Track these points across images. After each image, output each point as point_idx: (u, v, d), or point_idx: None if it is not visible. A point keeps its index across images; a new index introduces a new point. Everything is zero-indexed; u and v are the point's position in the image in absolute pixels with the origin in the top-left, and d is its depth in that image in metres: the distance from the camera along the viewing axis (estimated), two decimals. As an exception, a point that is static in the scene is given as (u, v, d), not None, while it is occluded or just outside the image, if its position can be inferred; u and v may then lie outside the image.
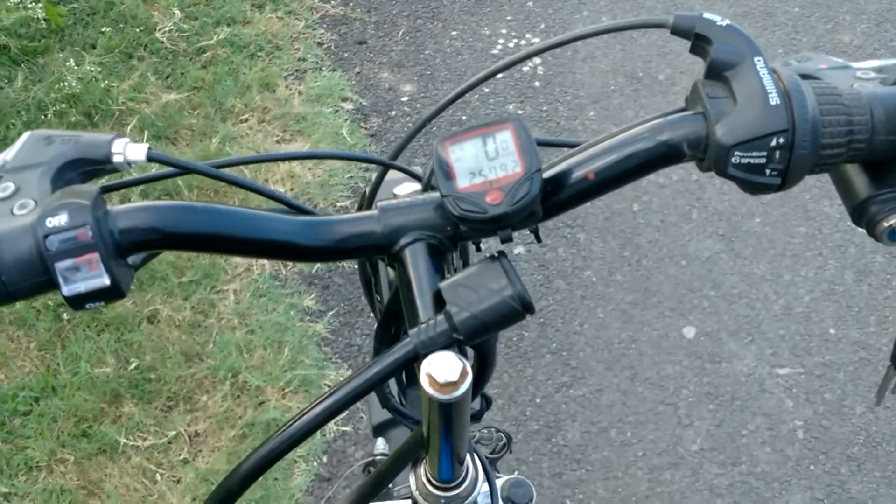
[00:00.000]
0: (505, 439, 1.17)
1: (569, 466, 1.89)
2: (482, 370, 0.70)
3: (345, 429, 1.91)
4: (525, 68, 2.86)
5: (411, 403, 0.84)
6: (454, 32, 2.97)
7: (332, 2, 3.04)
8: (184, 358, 1.95)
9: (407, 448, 0.75)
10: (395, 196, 0.70)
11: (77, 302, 0.56)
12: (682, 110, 0.62)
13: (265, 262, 2.18)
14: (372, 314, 1.23)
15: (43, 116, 2.44)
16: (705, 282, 2.23)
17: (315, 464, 1.85)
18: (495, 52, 2.90)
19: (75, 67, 2.53)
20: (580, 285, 2.23)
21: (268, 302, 2.08)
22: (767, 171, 0.58)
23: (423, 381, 0.58)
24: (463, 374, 0.58)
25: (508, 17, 3.03)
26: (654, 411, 1.98)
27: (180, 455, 1.80)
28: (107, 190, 0.62)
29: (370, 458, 1.34)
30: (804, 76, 0.61)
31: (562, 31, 2.97)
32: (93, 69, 2.54)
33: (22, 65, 2.57)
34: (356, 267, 2.25)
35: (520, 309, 0.59)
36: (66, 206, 0.55)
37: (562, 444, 1.92)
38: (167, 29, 2.75)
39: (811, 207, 2.41)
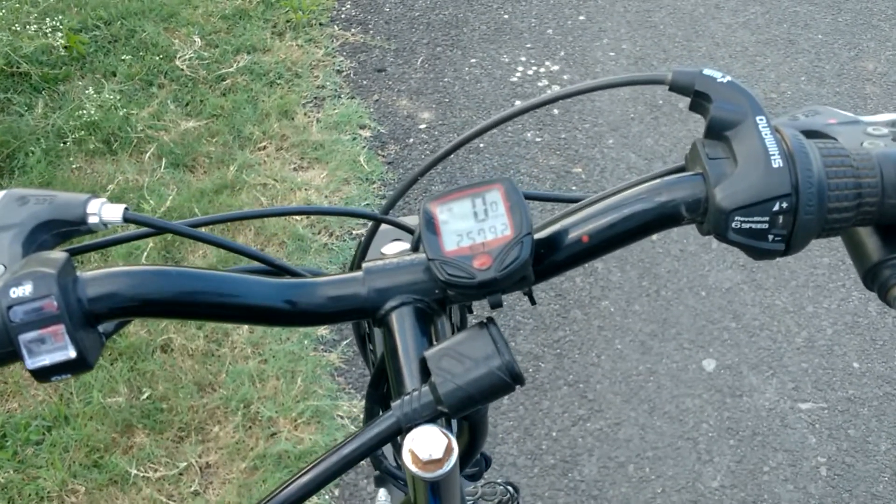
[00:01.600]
0: (511, 493, 1.12)
1: (585, 503, 1.85)
2: (472, 441, 0.67)
3: (357, 461, 1.88)
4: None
5: None
6: (473, 60, 2.97)
7: (353, 30, 3.05)
8: (196, 388, 1.93)
9: None
10: (382, 255, 0.68)
11: (42, 374, 0.54)
12: (682, 169, 0.59)
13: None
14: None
15: (62, 144, 2.46)
16: (725, 313, 2.19)
17: (327, 497, 1.83)
18: (514, 79, 2.89)
19: (95, 95, 2.55)
20: (598, 315, 2.20)
21: (281, 331, 2.06)
22: (770, 237, 0.55)
23: (406, 458, 0.54)
24: (448, 450, 0.54)
25: (528, 45, 3.03)
26: (673, 446, 1.94)
27: (191, 487, 1.78)
28: (77, 252, 0.60)
29: None
30: (811, 133, 0.58)
31: (580, 58, 2.96)
32: (112, 97, 2.55)
33: (42, 92, 2.59)
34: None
35: (508, 381, 0.55)
36: (30, 275, 0.53)
37: (578, 480, 1.89)
38: (187, 56, 2.77)
39: (834, 238, 2.37)
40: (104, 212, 0.61)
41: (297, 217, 2.33)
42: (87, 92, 2.57)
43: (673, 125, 2.71)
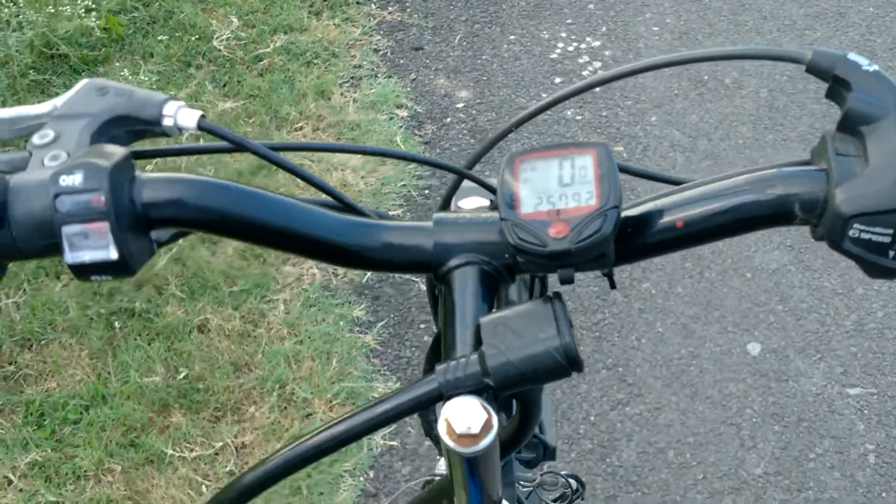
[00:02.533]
0: (575, 487, 1.06)
1: (624, 489, 1.81)
2: (522, 424, 0.62)
3: (392, 443, 1.87)
4: (584, 72, 2.79)
5: None
6: (512, 37, 2.92)
7: (390, 8, 3.02)
8: (232, 368, 1.93)
9: (430, 498, 0.69)
10: (458, 209, 0.64)
11: (81, 271, 0.52)
12: (806, 164, 0.53)
13: (316, 271, 2.15)
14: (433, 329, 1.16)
15: (101, 125, 2.46)
16: (772, 295, 2.13)
17: (362, 479, 1.81)
18: (554, 56, 2.84)
19: (131, 77, 2.55)
20: (638, 298, 2.15)
21: (317, 312, 2.05)
22: (892, 254, 0.49)
23: (441, 427, 0.51)
24: (487, 426, 0.50)
25: (568, 21, 2.97)
26: (715, 432, 1.89)
27: (227, 467, 1.78)
28: (143, 156, 0.58)
29: (430, 477, 1.28)
30: None
31: (623, 34, 2.90)
32: (148, 78, 2.55)
33: (82, 74, 2.60)
34: (408, 278, 2.22)
35: (565, 364, 0.51)
36: (83, 165, 0.51)
37: (617, 465, 1.85)
38: (225, 37, 2.76)
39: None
40: (180, 116, 0.58)
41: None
42: (122, 73, 2.58)
43: (718, 101, 2.64)
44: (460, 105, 2.69)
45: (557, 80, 2.76)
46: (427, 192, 2.42)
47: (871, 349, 2.01)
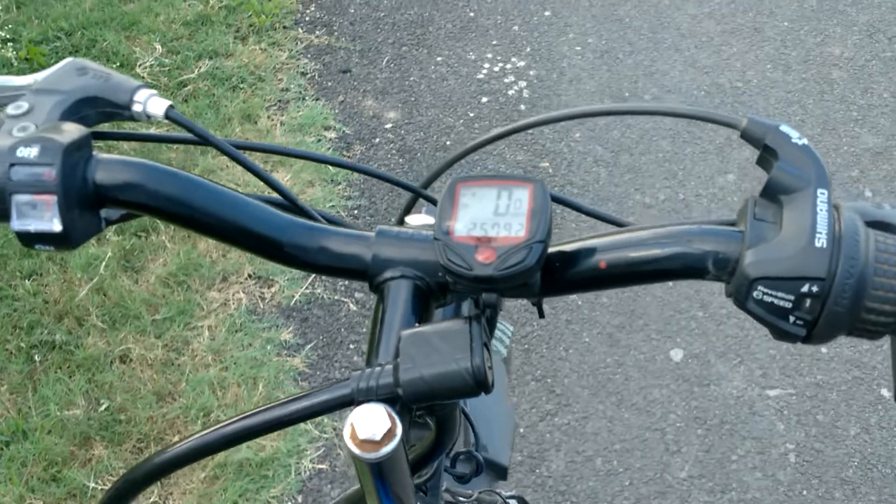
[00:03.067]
0: None
1: (553, 498, 1.83)
2: (438, 438, 0.63)
3: (321, 466, 1.86)
4: (510, 91, 2.83)
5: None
6: (439, 58, 2.95)
7: (317, 32, 3.03)
8: (155, 398, 1.91)
9: None
10: (404, 224, 0.67)
11: (26, 239, 0.55)
12: (731, 223, 0.55)
13: (242, 295, 2.14)
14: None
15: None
16: (693, 302, 2.17)
17: (289, 503, 1.80)
18: (481, 76, 2.88)
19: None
20: (565, 309, 2.18)
21: (244, 337, 2.04)
22: (792, 318, 0.50)
23: (346, 431, 0.52)
24: (390, 434, 0.51)
25: (494, 42, 3.01)
26: (640, 438, 1.92)
27: (150, 498, 1.76)
28: (100, 137, 0.60)
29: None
30: (883, 225, 0.53)
31: (547, 53, 2.95)
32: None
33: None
34: (336, 298, 2.22)
35: (472, 384, 0.52)
36: (41, 140, 0.54)
37: (546, 475, 1.87)
38: (148, 64, 2.75)
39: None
40: (150, 103, 0.61)
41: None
42: (46, 103, 2.55)
43: (639, 117, 2.69)
44: (389, 126, 2.71)
45: (484, 99, 2.80)
46: (356, 212, 2.43)
47: (789, 351, 2.06)
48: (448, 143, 2.65)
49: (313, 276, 2.23)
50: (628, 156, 2.57)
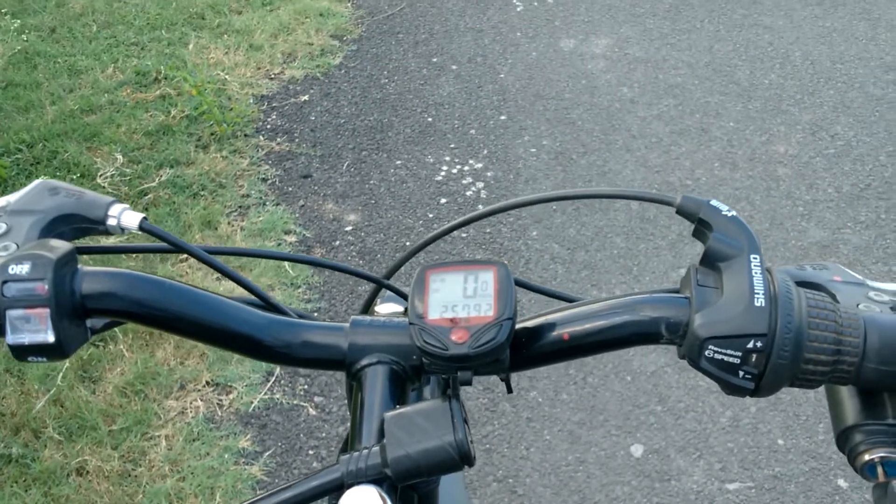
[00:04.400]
0: None
1: None
2: None
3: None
4: (469, 192, 2.90)
5: None
6: (399, 162, 3.02)
7: (278, 139, 3.10)
8: (111, 510, 1.87)
9: None
10: (374, 313, 0.70)
11: (19, 352, 0.57)
12: (676, 291, 0.61)
13: (199, 403, 2.13)
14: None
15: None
16: (651, 397, 2.19)
17: None
18: (439, 178, 2.95)
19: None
20: (526, 407, 2.19)
21: (201, 446, 2.02)
22: (741, 373, 0.55)
23: None
24: None
25: (452, 145, 3.10)
26: (604, 537, 1.91)
27: None
28: (86, 252, 0.63)
29: None
30: (811, 285, 0.60)
31: (503, 155, 3.03)
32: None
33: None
34: (295, 403, 2.21)
35: (456, 458, 0.56)
36: (31, 256, 0.56)
37: (509, 579, 1.84)
38: (109, 174, 2.78)
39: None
40: (124, 217, 0.64)
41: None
42: (6, 214, 2.56)
43: (594, 215, 2.76)
44: (349, 228, 2.75)
45: (443, 200, 2.86)
46: (315, 315, 2.44)
47: (747, 444, 2.07)
48: (408, 243, 2.69)
49: (271, 381, 2.23)
50: (584, 252, 2.62)
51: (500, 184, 2.92)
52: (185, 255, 0.68)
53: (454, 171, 2.99)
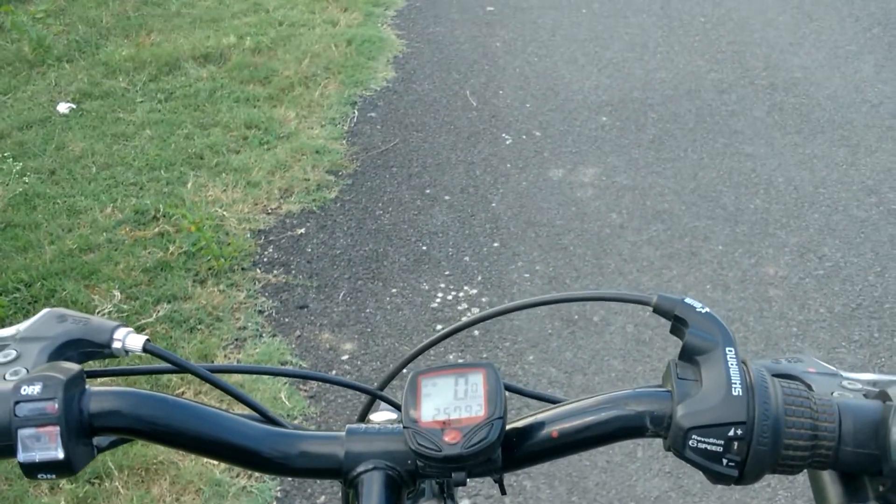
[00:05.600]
0: None
1: None
2: None
3: None
4: (464, 318, 2.90)
5: None
6: (394, 290, 3.05)
7: (275, 271, 3.14)
8: None
9: None
10: (369, 422, 0.73)
11: (30, 470, 0.59)
12: (658, 386, 0.64)
13: (194, 539, 2.07)
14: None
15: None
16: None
17: None
18: (434, 305, 2.97)
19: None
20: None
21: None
22: (724, 461, 0.58)
23: None
24: None
25: (447, 272, 3.14)
26: None
27: None
28: (91, 375, 0.66)
29: None
30: (787, 376, 0.63)
31: (497, 281, 3.07)
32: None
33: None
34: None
35: None
36: (42, 378, 0.60)
37: None
38: (107, 311, 2.80)
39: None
40: (128, 340, 0.68)
41: (214, 462, 2.28)
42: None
43: (589, 338, 2.77)
44: (345, 357, 2.75)
45: (439, 326, 2.87)
46: (313, 427, 2.41)
47: (758, 569, 2.02)
48: (404, 370, 2.68)
49: (270, 514, 2.18)
50: (582, 376, 2.62)
51: (496, 310, 2.94)
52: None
53: (449, 297, 3.01)
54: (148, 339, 0.68)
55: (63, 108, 4.01)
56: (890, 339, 2.77)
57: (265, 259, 3.20)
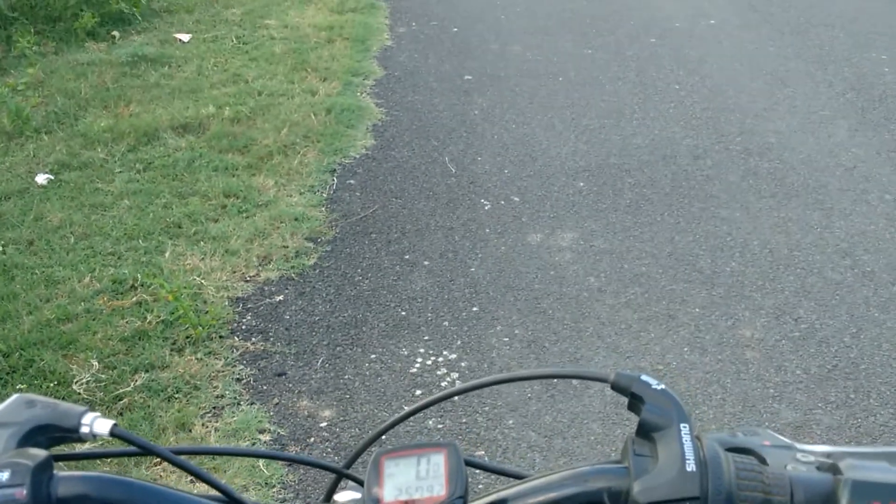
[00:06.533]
0: None
1: None
2: None
3: None
4: (443, 383, 2.91)
5: None
6: (373, 356, 3.05)
7: (253, 339, 3.13)
8: None
9: None
10: (333, 502, 0.76)
11: None
12: (617, 462, 0.65)
13: None
14: None
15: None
16: None
17: None
18: (414, 370, 2.96)
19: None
20: None
21: None
22: None
23: None
24: None
25: (426, 337, 3.14)
26: None
27: None
28: (59, 458, 0.67)
29: None
30: (742, 450, 0.64)
31: (476, 346, 3.07)
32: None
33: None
34: None
35: None
36: (10, 465, 0.61)
37: None
38: (84, 380, 2.78)
39: None
40: (95, 424, 0.69)
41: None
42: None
43: (568, 402, 2.77)
44: (324, 424, 2.73)
45: (418, 392, 2.86)
46: (290, 517, 2.38)
47: None
48: (384, 437, 2.66)
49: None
50: (561, 440, 2.61)
51: (475, 374, 2.94)
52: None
53: (428, 362, 3.01)
54: (115, 424, 0.69)
55: (41, 179, 4.03)
56: (866, 399, 2.79)
57: (243, 327, 3.19)
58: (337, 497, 0.83)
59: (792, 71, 5.57)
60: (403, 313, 3.27)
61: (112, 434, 0.69)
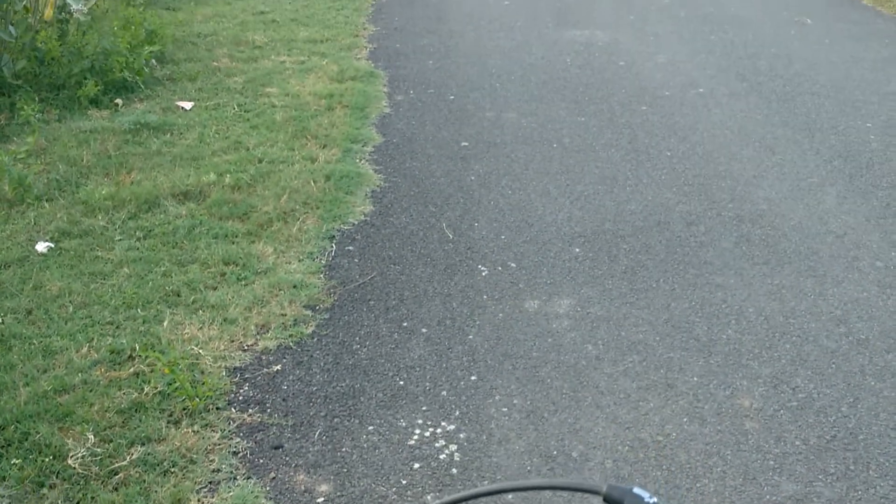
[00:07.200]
0: None
1: None
2: None
3: None
4: (442, 455, 2.89)
5: None
6: (371, 427, 3.03)
7: (250, 410, 3.12)
8: None
9: None
10: None
11: None
12: None
13: None
14: None
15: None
16: None
17: None
18: (412, 442, 2.95)
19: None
20: None
21: None
22: None
23: None
24: None
25: (424, 408, 3.13)
26: None
27: None
28: None
29: None
30: None
31: (475, 416, 3.06)
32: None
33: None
34: None
35: None
36: None
37: None
38: (80, 455, 2.76)
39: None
40: None
41: None
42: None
43: (568, 475, 2.75)
44: (320, 500, 2.71)
45: (416, 465, 2.85)
46: None
47: None
48: (381, 514, 2.64)
49: None
50: (561, 516, 2.59)
51: (474, 445, 2.93)
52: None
53: (427, 434, 3.00)
54: None
55: (41, 247, 4.05)
56: (865, 471, 2.78)
57: (240, 398, 3.18)
58: None
59: (780, 138, 5.65)
60: (401, 382, 3.27)
61: None
